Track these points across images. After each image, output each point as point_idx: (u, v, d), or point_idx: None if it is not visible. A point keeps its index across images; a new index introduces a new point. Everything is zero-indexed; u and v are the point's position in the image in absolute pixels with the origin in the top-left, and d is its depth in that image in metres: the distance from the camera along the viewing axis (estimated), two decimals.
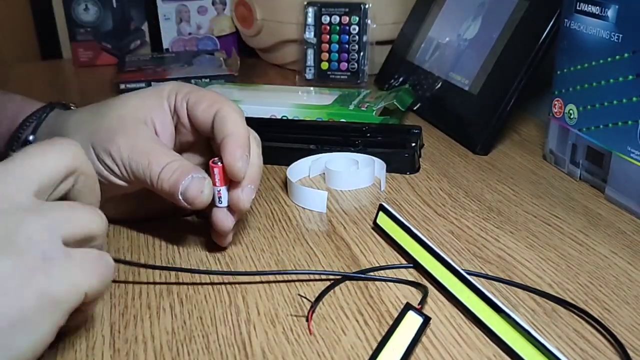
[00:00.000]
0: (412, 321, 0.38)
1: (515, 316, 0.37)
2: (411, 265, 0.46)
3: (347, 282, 0.44)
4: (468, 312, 0.40)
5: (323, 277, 0.45)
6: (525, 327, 0.36)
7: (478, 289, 0.40)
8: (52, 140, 0.35)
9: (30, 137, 0.49)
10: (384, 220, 0.50)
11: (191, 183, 0.43)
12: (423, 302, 0.41)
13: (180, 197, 0.43)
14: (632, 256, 0.48)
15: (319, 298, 0.42)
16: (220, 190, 0.45)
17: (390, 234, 0.49)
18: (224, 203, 0.46)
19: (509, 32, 0.69)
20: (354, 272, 0.45)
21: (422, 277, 0.45)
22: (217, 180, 0.45)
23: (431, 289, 0.43)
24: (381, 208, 0.50)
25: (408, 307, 0.39)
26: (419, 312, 0.39)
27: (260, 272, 0.46)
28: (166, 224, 0.52)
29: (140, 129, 0.46)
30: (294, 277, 0.45)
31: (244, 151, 0.44)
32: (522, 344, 0.36)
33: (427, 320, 0.38)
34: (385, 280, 0.44)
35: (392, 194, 0.58)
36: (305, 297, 0.42)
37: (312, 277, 0.45)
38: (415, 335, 0.37)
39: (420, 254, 0.45)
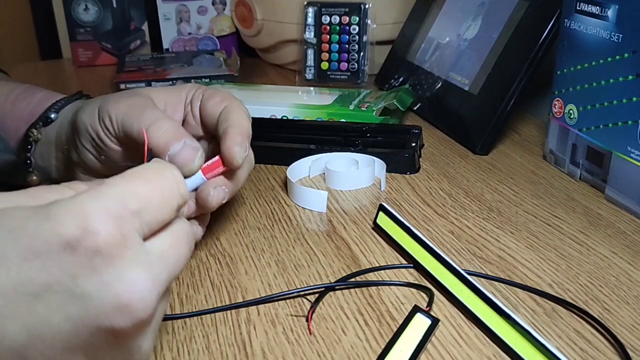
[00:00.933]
0: (420, 323, 0.38)
1: (516, 317, 0.37)
2: (411, 265, 0.46)
3: (347, 281, 0.44)
4: (468, 312, 0.40)
5: (318, 288, 0.45)
6: (526, 327, 0.36)
7: (479, 289, 0.40)
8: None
9: (52, 115, 0.51)
10: (384, 220, 0.50)
11: (184, 149, 0.41)
12: (430, 304, 0.41)
13: (166, 159, 0.41)
14: (632, 256, 0.48)
15: (319, 298, 0.42)
16: (202, 179, 0.43)
17: (390, 234, 0.49)
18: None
19: (509, 32, 0.69)
20: (350, 275, 0.45)
21: (423, 277, 0.45)
22: (206, 167, 0.42)
23: (431, 289, 0.43)
24: (381, 208, 0.50)
25: (416, 309, 0.39)
26: (427, 314, 0.39)
27: (235, 305, 0.42)
28: None
29: (149, 101, 0.46)
30: (293, 276, 0.45)
31: (244, 140, 0.43)
32: (522, 345, 0.36)
33: (435, 322, 0.38)
34: (388, 285, 0.44)
35: (392, 194, 0.58)
36: (305, 297, 0.42)
37: (311, 279, 0.45)
38: (423, 337, 0.37)
39: (421, 254, 0.45)
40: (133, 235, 0.26)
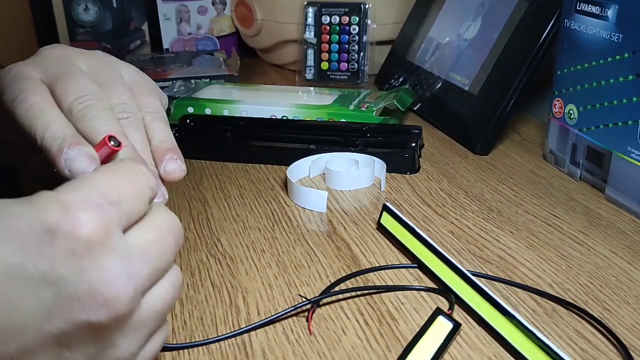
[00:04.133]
0: (442, 326, 0.38)
1: (521, 318, 0.37)
2: (413, 265, 0.46)
3: (347, 281, 0.44)
4: (473, 313, 0.40)
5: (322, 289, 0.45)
6: (530, 328, 0.36)
7: (483, 290, 0.40)
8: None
9: None
10: (388, 221, 0.50)
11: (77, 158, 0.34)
12: (452, 307, 0.40)
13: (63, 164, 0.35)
14: (632, 256, 0.48)
15: (319, 298, 0.42)
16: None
17: (395, 234, 0.49)
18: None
19: (509, 32, 0.69)
20: (351, 275, 0.45)
21: (427, 278, 0.45)
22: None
23: (454, 292, 0.43)
24: (385, 208, 0.50)
25: (438, 311, 0.39)
26: (449, 317, 0.39)
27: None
28: None
29: (43, 98, 0.39)
30: (294, 276, 0.45)
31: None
32: (527, 345, 0.36)
33: (457, 326, 0.38)
34: (404, 289, 0.44)
35: (392, 194, 0.58)
36: (306, 298, 0.42)
37: (312, 279, 0.45)
38: (445, 340, 0.37)
39: (425, 254, 0.45)
40: (113, 225, 0.27)
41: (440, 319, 0.38)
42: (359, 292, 0.43)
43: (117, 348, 0.27)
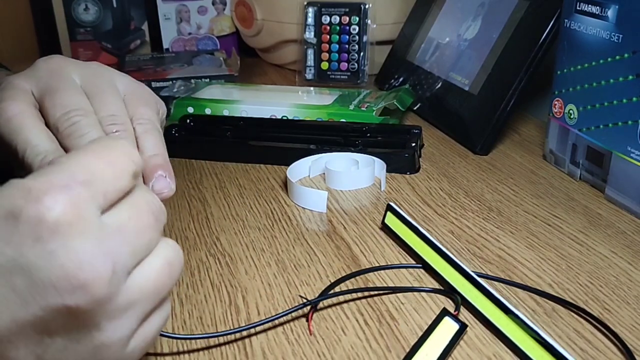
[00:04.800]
0: (448, 327, 0.38)
1: (526, 319, 0.37)
2: (417, 265, 0.46)
3: (347, 281, 0.44)
4: (478, 313, 0.40)
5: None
6: (535, 329, 0.36)
7: (488, 291, 0.40)
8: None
9: None
10: (392, 221, 0.50)
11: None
12: (458, 308, 0.40)
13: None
14: (632, 256, 0.48)
15: (319, 297, 0.42)
16: None
17: (399, 234, 0.49)
18: None
19: (509, 32, 0.69)
20: (351, 275, 0.45)
21: (428, 278, 0.45)
22: None
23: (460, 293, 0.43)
24: (389, 208, 0.50)
25: (444, 312, 0.39)
26: (456, 318, 0.38)
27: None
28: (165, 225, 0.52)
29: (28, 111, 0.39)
30: (293, 276, 0.45)
31: None
32: (531, 346, 0.36)
33: (463, 327, 0.38)
34: (409, 291, 0.44)
35: (392, 194, 0.58)
36: (305, 299, 0.42)
37: (311, 279, 0.45)
38: (451, 341, 0.37)
39: (429, 254, 0.45)
40: (84, 206, 0.26)
41: (447, 319, 0.38)
42: (359, 294, 0.43)
43: (103, 331, 0.27)
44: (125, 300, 0.27)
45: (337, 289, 0.43)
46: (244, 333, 0.39)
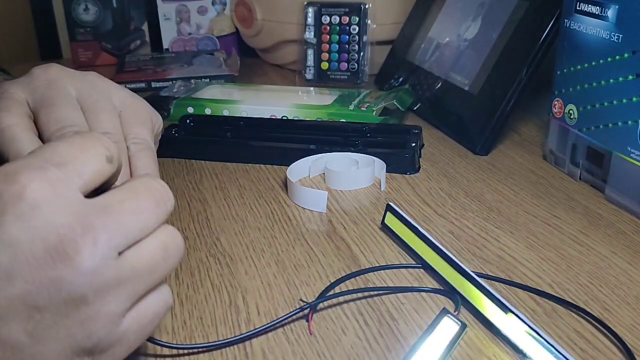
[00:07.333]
0: (448, 327, 0.38)
1: (527, 320, 0.37)
2: (417, 265, 0.46)
3: (347, 281, 0.44)
4: (479, 314, 0.40)
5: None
6: (534, 328, 0.36)
7: (489, 291, 0.39)
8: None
9: None
10: (392, 221, 0.50)
11: None
12: (458, 308, 0.40)
13: None
14: (632, 256, 0.48)
15: (319, 298, 0.42)
16: None
17: (399, 234, 0.49)
18: None
19: (509, 32, 0.69)
20: (351, 275, 0.45)
21: (428, 278, 0.45)
22: None
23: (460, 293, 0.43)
24: (389, 208, 0.50)
25: (444, 312, 0.39)
26: (456, 318, 0.38)
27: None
28: None
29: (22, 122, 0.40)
30: (293, 276, 0.45)
31: None
32: (530, 345, 0.36)
33: (463, 327, 0.38)
34: (409, 291, 0.44)
35: (392, 194, 0.58)
36: (305, 302, 0.42)
37: (311, 279, 0.45)
38: (451, 341, 0.37)
39: (429, 255, 0.45)
40: (61, 185, 0.27)
41: (447, 319, 0.38)
42: (359, 294, 0.43)
43: (91, 304, 0.27)
44: (114, 276, 0.27)
45: (337, 289, 0.43)
46: (244, 333, 0.39)
